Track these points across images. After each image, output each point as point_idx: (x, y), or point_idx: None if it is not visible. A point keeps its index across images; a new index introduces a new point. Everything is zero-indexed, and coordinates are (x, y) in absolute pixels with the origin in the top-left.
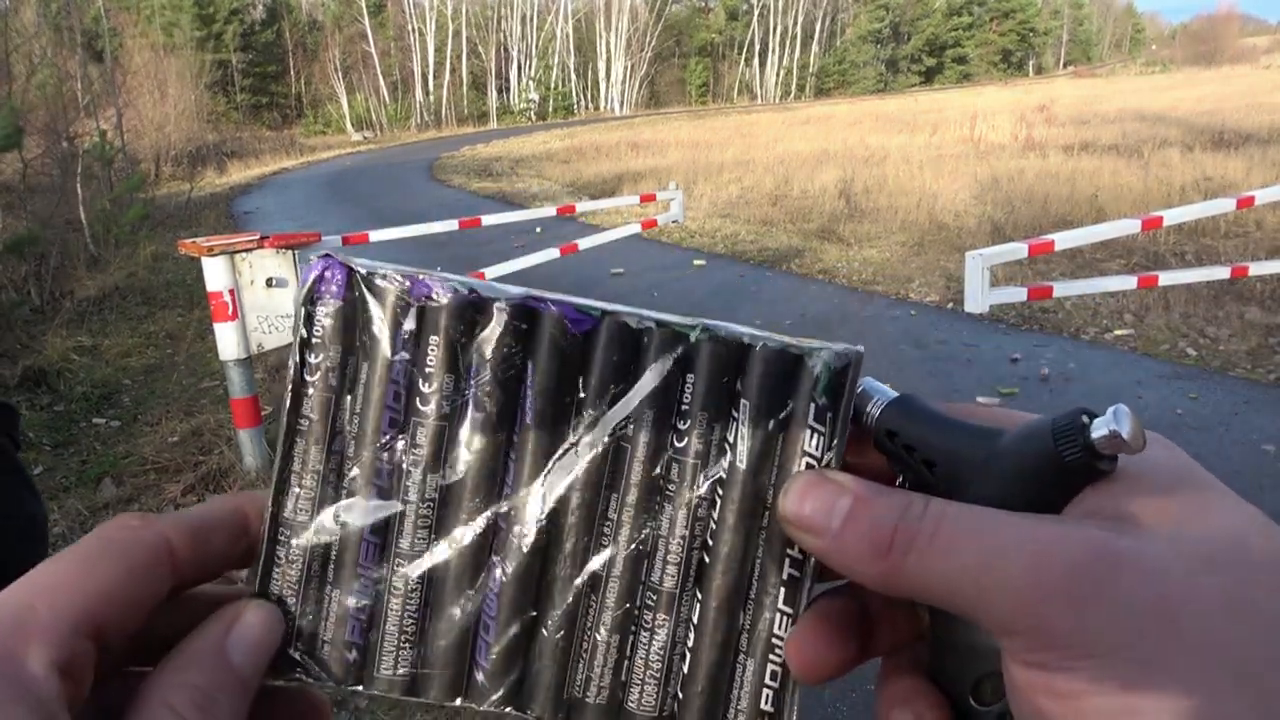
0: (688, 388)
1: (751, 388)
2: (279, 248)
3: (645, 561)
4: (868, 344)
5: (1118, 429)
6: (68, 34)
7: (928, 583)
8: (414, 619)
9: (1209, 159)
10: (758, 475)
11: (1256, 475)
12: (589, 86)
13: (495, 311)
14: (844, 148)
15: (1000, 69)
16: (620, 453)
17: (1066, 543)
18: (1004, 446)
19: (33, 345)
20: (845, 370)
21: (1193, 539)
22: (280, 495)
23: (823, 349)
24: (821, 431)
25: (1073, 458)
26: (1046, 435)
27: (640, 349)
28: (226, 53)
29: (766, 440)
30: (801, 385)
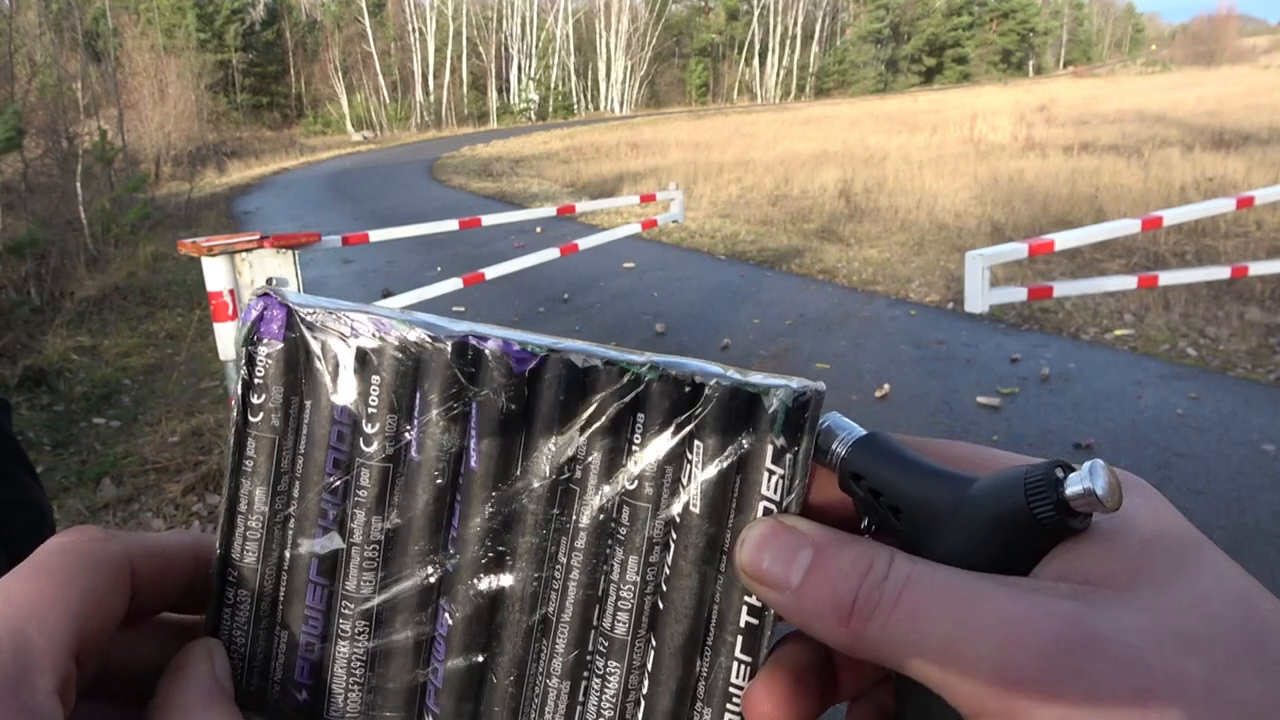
0: (638, 428)
1: (705, 427)
2: (279, 248)
3: (596, 606)
4: (868, 344)
5: (1092, 486)
6: (69, 35)
7: (892, 652)
8: (362, 662)
9: (1209, 159)
10: (713, 519)
11: (1256, 475)
12: (589, 86)
13: (436, 351)
14: (844, 148)
15: (1000, 69)
16: (569, 495)
17: (1040, 620)
18: (974, 496)
19: (33, 345)
20: (804, 409)
21: (1172, 611)
22: (228, 536)
23: (780, 386)
24: (780, 474)
25: (1045, 515)
26: (1018, 489)
27: (588, 388)
28: (227, 53)
29: (722, 483)
30: (759, 425)
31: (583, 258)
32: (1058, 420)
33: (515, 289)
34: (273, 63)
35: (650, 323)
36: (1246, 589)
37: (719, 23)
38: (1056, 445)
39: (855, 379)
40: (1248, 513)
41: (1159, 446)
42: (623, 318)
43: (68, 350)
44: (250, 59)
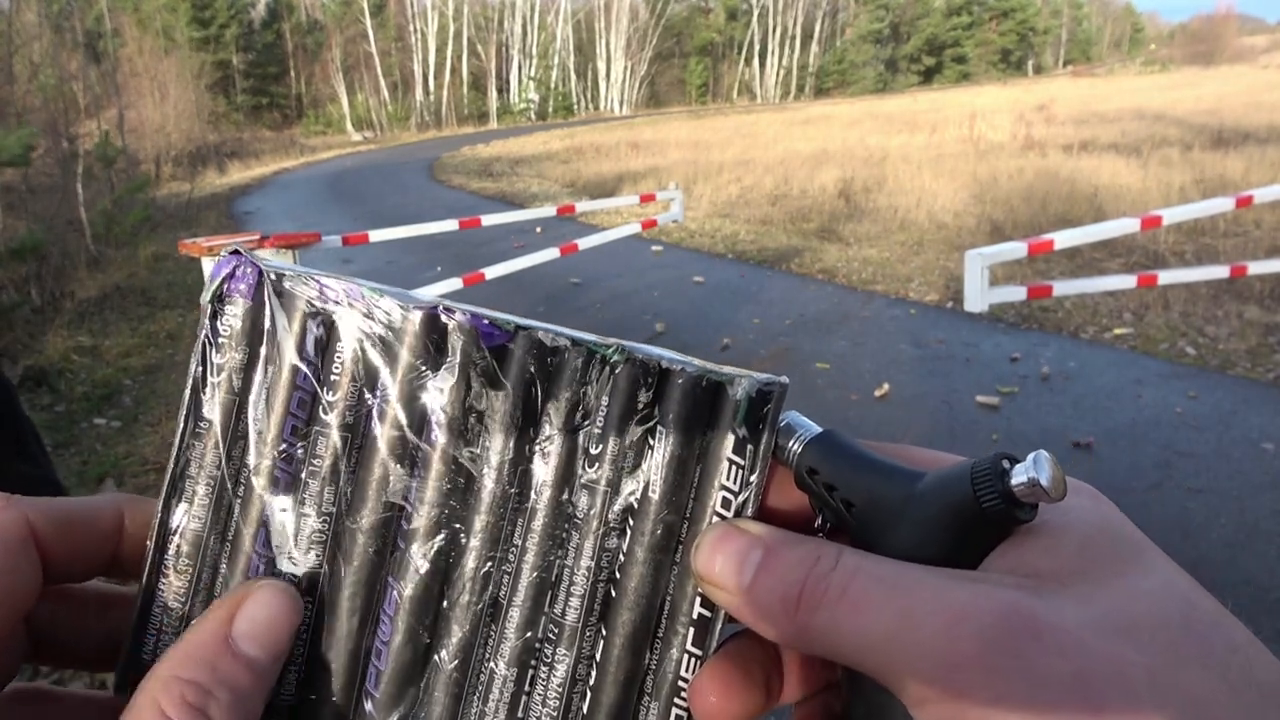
0: (602, 410)
1: (669, 414)
2: (279, 248)
3: (549, 591)
4: (868, 343)
5: (1037, 476)
6: (70, 35)
7: (838, 643)
8: (302, 640)
9: (1208, 158)
10: (671, 507)
11: (1256, 474)
12: (589, 86)
13: (405, 322)
14: (843, 148)
15: (999, 68)
16: (528, 475)
17: (982, 607)
18: (924, 489)
19: (33, 345)
20: (767, 400)
21: (1115, 605)
22: (171, 500)
23: (744, 377)
24: (740, 464)
25: (991, 505)
26: (966, 480)
27: (554, 367)
28: (227, 53)
29: (682, 471)
30: (721, 415)
31: (587, 256)
32: (1057, 419)
33: (515, 289)
34: (273, 63)
35: (650, 322)
36: (1187, 588)
37: (719, 23)
38: (1056, 444)
39: (855, 378)
40: (1247, 511)
41: (1158, 445)
42: (623, 317)
43: (68, 350)
44: (250, 59)
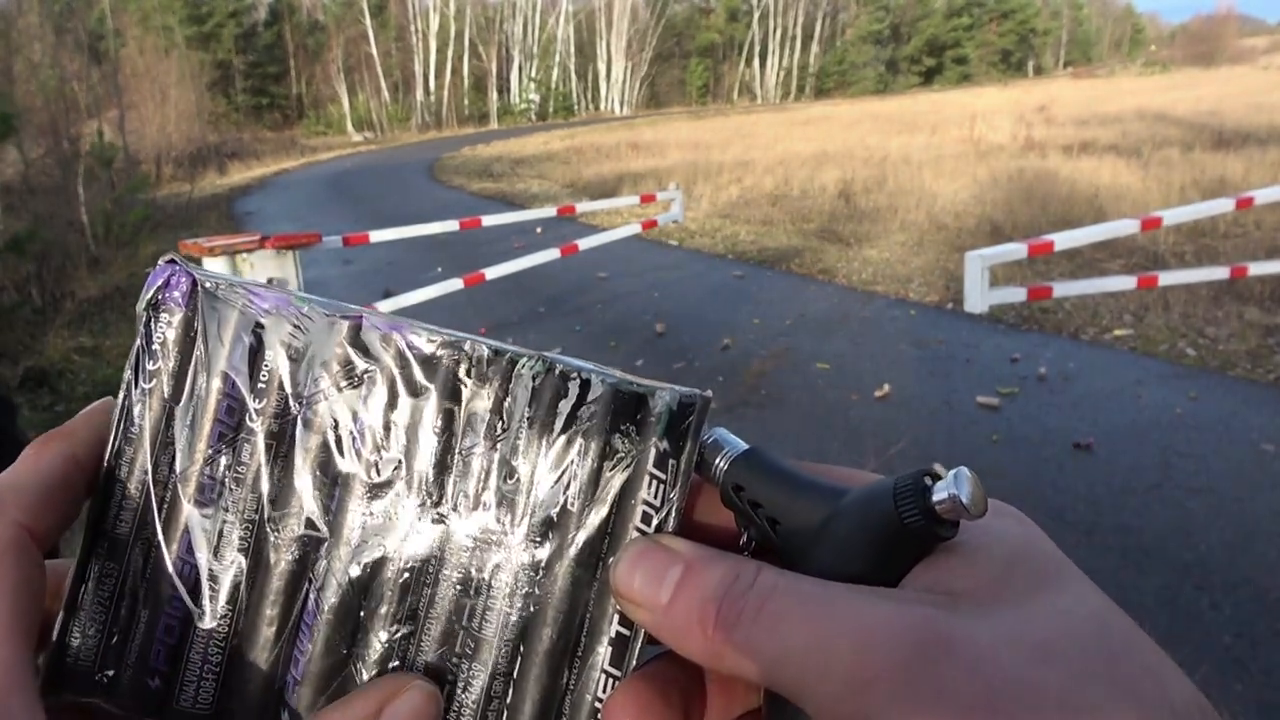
0: (522, 422)
1: (590, 426)
2: (280, 248)
3: (468, 605)
4: (868, 344)
5: (957, 493)
6: (71, 36)
7: (754, 662)
8: (220, 649)
9: (1208, 159)
10: (591, 521)
11: (1256, 475)
12: (589, 87)
13: (330, 332)
14: (844, 148)
15: (1000, 69)
16: (448, 486)
17: (895, 624)
18: (847, 506)
19: (34, 346)
20: (689, 413)
21: (1029, 624)
22: (102, 506)
23: (666, 390)
24: (661, 479)
25: (912, 521)
26: (888, 497)
27: (475, 377)
28: (227, 53)
29: (602, 484)
30: (643, 428)
31: (587, 257)
32: (1057, 420)
33: (516, 289)
34: (273, 63)
35: (650, 322)
36: (1103, 608)
37: (719, 23)
38: (1056, 445)
39: (855, 379)
40: (1247, 512)
41: (1158, 446)
42: (623, 317)
43: (69, 351)
44: (251, 60)
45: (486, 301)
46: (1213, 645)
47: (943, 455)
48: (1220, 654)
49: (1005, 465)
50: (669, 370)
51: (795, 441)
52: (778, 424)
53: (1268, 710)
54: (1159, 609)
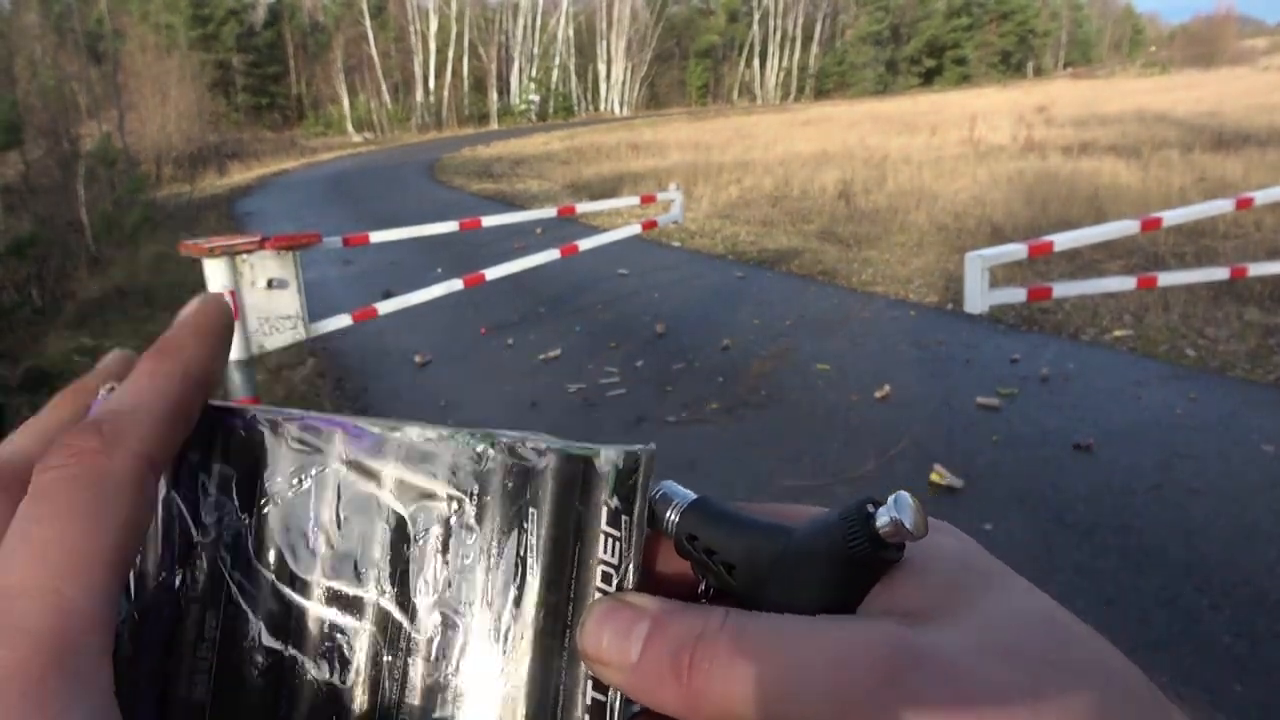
0: (472, 500)
1: (540, 496)
2: (280, 249)
3: (438, 695)
4: (868, 344)
5: (899, 516)
6: (71, 36)
7: (732, 705)
8: None
9: (1208, 160)
10: (554, 590)
11: (1256, 475)
12: (589, 88)
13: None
14: (844, 149)
15: (999, 70)
16: (407, 576)
17: (863, 646)
18: (798, 542)
19: (34, 346)
20: (635, 469)
21: (987, 628)
22: None
23: (610, 449)
24: (617, 536)
25: (859, 549)
26: (834, 528)
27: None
28: (227, 53)
29: (560, 551)
30: (592, 490)
31: (585, 258)
32: (1057, 421)
33: (516, 289)
34: (273, 64)
35: (650, 323)
36: (1048, 606)
37: (719, 24)
38: (1056, 445)
39: (855, 379)
40: (1247, 513)
41: (1158, 447)
42: (623, 318)
43: (69, 351)
44: (250, 60)
45: (487, 302)
46: (1213, 646)
47: (943, 456)
48: (1220, 654)
49: (1005, 466)
50: (669, 370)
51: (795, 442)
52: (777, 425)
53: (1268, 710)
54: (1159, 609)
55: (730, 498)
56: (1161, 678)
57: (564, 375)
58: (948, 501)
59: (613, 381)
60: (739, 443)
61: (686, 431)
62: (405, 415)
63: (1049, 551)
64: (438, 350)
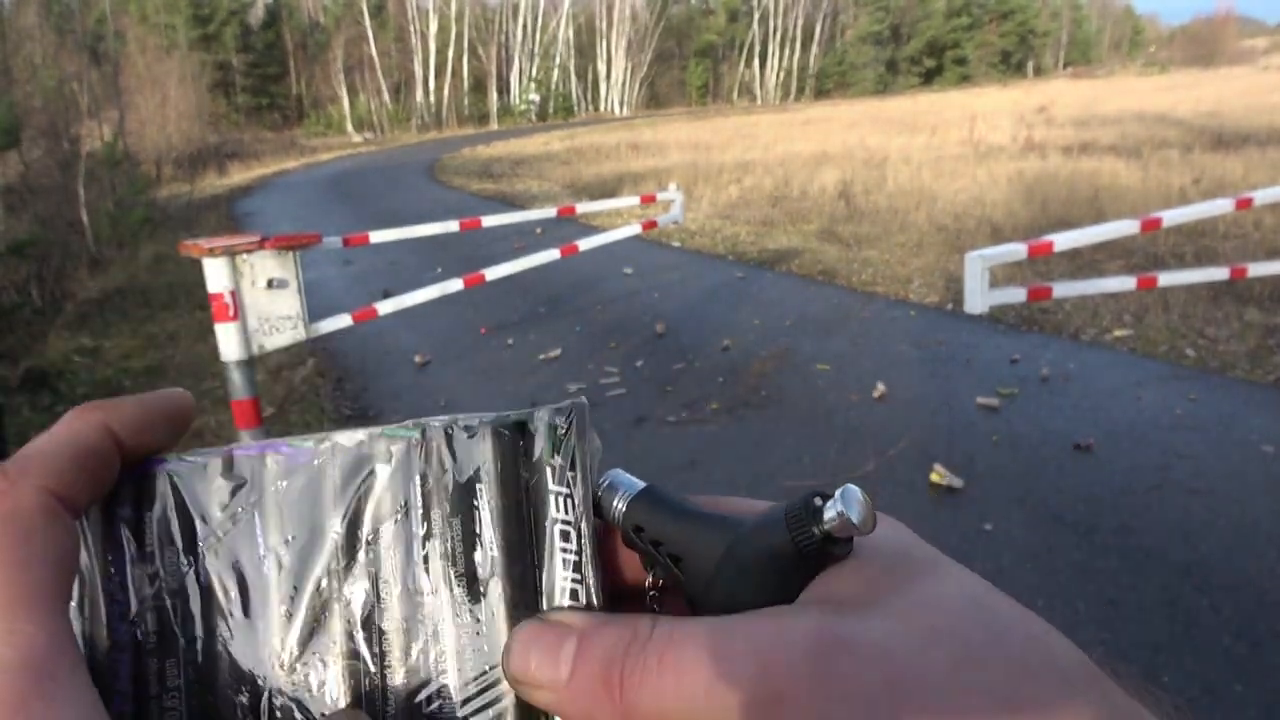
0: (417, 490)
1: (483, 471)
2: (280, 249)
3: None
4: (868, 344)
5: (845, 511)
6: (70, 36)
7: (664, 714)
8: None
9: (1208, 160)
10: (516, 560)
11: (1255, 476)
12: (589, 88)
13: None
14: (844, 149)
15: (999, 70)
16: (374, 575)
17: (791, 638)
18: (745, 535)
19: (34, 346)
20: (570, 424)
21: (914, 613)
22: None
23: (541, 410)
24: (566, 493)
25: (806, 543)
26: (781, 522)
27: (364, 468)
28: (226, 53)
29: (514, 520)
30: (534, 454)
31: (587, 258)
32: (1057, 421)
33: (516, 289)
34: (273, 64)
35: (650, 323)
36: (982, 591)
37: (719, 24)
38: (1056, 445)
39: (855, 379)
40: (1247, 513)
41: (1158, 447)
42: (623, 318)
43: (69, 352)
44: (250, 60)
45: (487, 302)
46: (1212, 646)
47: (943, 456)
48: (1220, 655)
49: (1005, 466)
50: (669, 370)
51: (795, 442)
52: (777, 425)
53: (1268, 711)
54: (1158, 610)
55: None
56: (1162, 677)
57: (564, 375)
58: (948, 501)
59: (613, 381)
60: (739, 442)
61: (686, 431)
62: (405, 415)
63: (1049, 551)
64: (438, 350)
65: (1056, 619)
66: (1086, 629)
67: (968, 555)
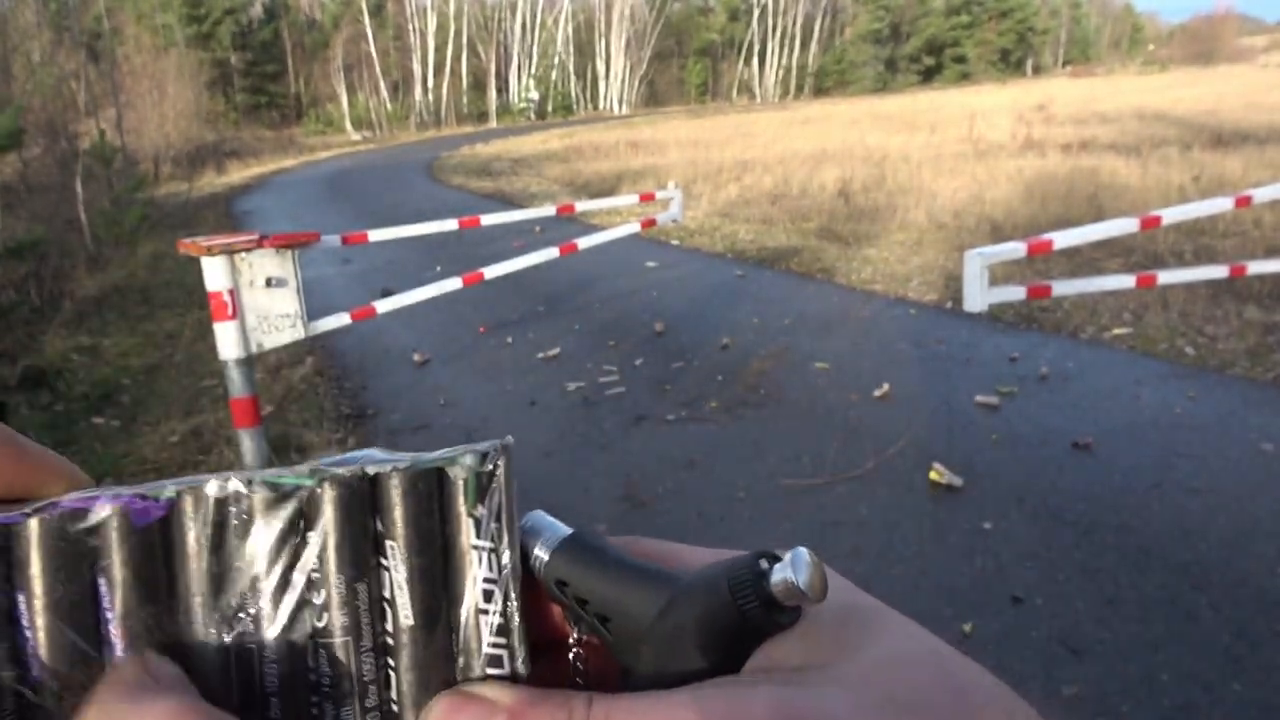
0: (312, 549)
1: (394, 525)
2: (278, 247)
3: None
4: (867, 343)
5: (793, 579)
6: (68, 34)
7: None
8: None
9: (1207, 158)
10: (432, 628)
11: (1255, 474)
12: (588, 86)
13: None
14: (843, 147)
15: (999, 68)
16: (247, 655)
17: (746, 713)
18: (681, 598)
19: (32, 345)
20: (494, 470)
21: (874, 679)
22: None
23: (464, 453)
24: (490, 548)
25: (750, 609)
26: (723, 586)
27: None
28: (223, 51)
29: (429, 582)
30: (451, 503)
31: (585, 256)
32: (1056, 419)
33: (515, 288)
34: (271, 62)
35: (649, 322)
36: (934, 645)
37: (719, 22)
38: (1055, 444)
39: (855, 378)
40: (1247, 512)
41: (1158, 446)
42: (621, 317)
43: (67, 350)
44: (248, 58)
45: (486, 300)
46: (1212, 645)
47: (942, 455)
48: (1219, 654)
49: (1004, 465)
50: (668, 369)
51: (794, 441)
52: (777, 424)
53: (1268, 710)
54: (1158, 609)
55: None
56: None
57: (563, 374)
58: (947, 500)
59: (612, 380)
60: (738, 441)
61: (686, 430)
62: (405, 415)
63: (1048, 550)
64: (437, 349)
65: (1056, 618)
66: (1086, 628)
67: (967, 554)
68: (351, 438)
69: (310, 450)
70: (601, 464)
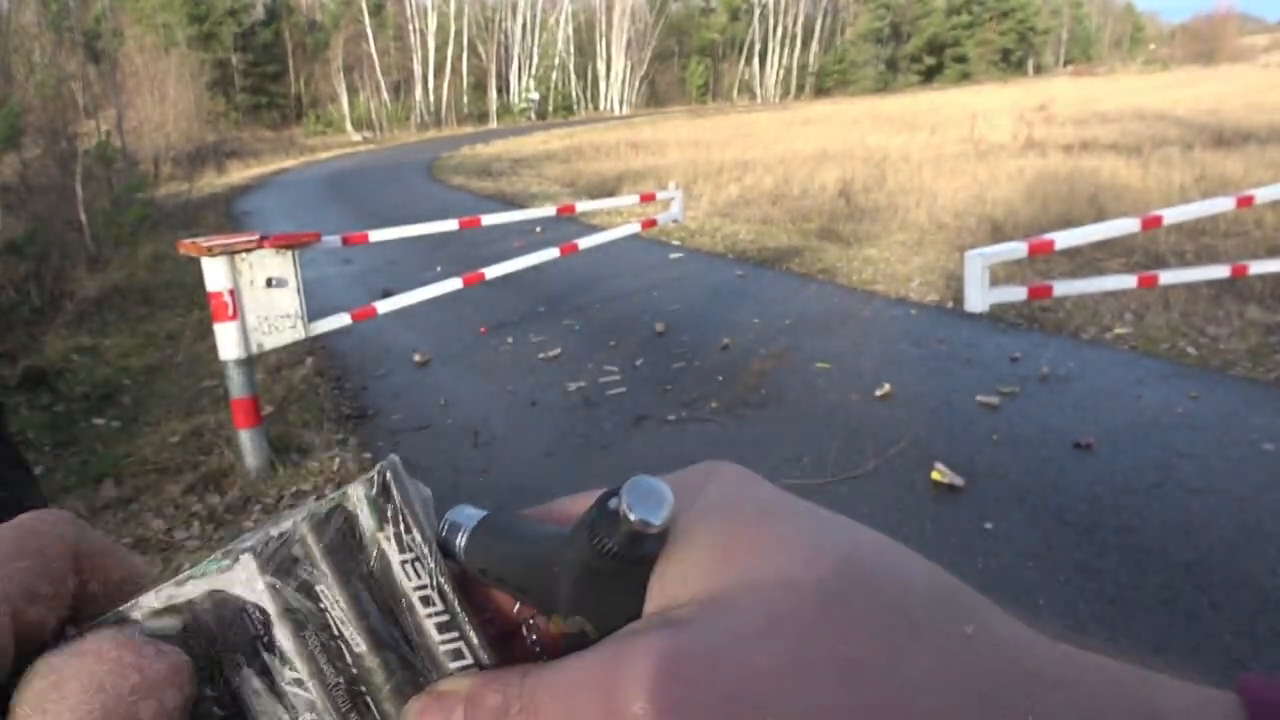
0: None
1: (316, 567)
2: (279, 248)
3: None
4: (868, 343)
5: (630, 509)
6: (68, 35)
7: None
8: None
9: (1209, 158)
10: (384, 647)
11: (1257, 474)
12: (589, 86)
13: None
14: (844, 147)
15: (1000, 68)
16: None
17: (628, 671)
18: (566, 555)
19: (33, 345)
20: (386, 490)
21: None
22: None
23: (354, 485)
24: (411, 558)
25: (612, 549)
26: (583, 536)
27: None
28: (224, 52)
29: (365, 607)
30: (363, 533)
31: (583, 257)
32: (1058, 419)
33: (515, 288)
34: (272, 62)
35: (650, 322)
36: (818, 544)
37: (720, 22)
38: (1056, 444)
39: (855, 378)
40: (1248, 512)
41: (1159, 446)
42: (622, 317)
43: (68, 351)
44: (249, 59)
45: (487, 301)
46: (1213, 645)
47: (943, 455)
48: (1220, 654)
49: (1005, 465)
50: (669, 369)
51: (795, 441)
52: (778, 424)
53: None
54: (1159, 609)
55: None
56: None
57: (564, 374)
58: (948, 500)
59: (613, 380)
60: (739, 442)
61: (686, 431)
62: (406, 415)
63: (1049, 550)
64: (437, 349)
65: (1057, 618)
66: (1087, 628)
67: (969, 554)
68: (352, 438)
69: (310, 450)
70: (602, 464)
